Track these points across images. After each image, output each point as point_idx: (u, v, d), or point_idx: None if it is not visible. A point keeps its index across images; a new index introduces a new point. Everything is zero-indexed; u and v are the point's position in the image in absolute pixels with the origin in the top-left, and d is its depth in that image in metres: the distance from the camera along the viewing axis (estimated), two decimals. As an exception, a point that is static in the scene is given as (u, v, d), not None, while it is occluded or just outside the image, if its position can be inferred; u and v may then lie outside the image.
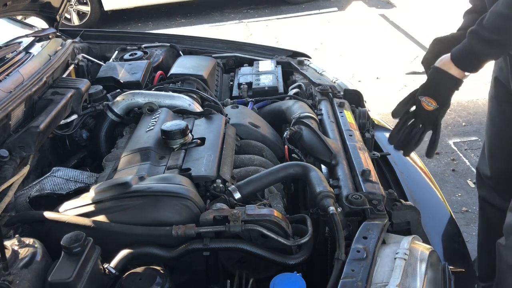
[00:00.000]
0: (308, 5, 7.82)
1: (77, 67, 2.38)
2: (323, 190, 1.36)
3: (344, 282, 1.10)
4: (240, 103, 2.18)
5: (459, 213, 3.06)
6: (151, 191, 1.36)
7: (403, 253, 1.18)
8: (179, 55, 2.68)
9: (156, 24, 7.73)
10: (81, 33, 2.72)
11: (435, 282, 1.19)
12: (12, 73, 1.82)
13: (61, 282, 1.09)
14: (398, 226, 1.37)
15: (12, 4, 2.03)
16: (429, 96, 1.54)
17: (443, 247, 1.60)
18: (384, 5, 7.52)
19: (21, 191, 1.58)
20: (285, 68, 2.52)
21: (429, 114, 1.56)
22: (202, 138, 1.67)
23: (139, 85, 2.22)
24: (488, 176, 2.05)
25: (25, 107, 1.75)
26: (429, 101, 1.53)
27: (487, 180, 2.07)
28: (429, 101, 1.53)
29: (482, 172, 2.09)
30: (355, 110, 2.01)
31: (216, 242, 1.27)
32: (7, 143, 1.61)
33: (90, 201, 1.37)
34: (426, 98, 1.54)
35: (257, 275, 1.29)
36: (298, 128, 1.76)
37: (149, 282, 1.17)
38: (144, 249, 1.29)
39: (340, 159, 1.61)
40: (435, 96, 1.54)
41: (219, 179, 1.49)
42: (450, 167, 3.53)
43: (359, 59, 5.48)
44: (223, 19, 7.63)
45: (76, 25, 7.46)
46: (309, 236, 1.28)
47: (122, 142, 1.83)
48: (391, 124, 2.04)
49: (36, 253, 1.18)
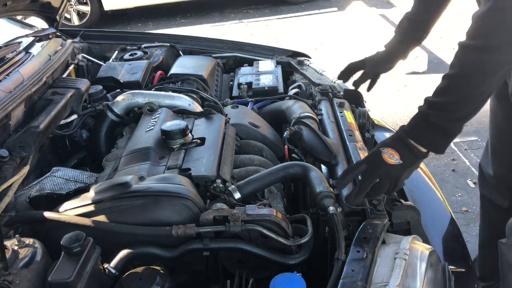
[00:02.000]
0: (308, 5, 7.82)
1: (77, 67, 2.38)
2: (323, 190, 1.36)
3: (344, 282, 1.10)
4: (240, 103, 2.18)
5: (459, 213, 3.06)
6: (151, 191, 1.36)
7: (403, 253, 1.18)
8: (179, 55, 2.68)
9: (156, 24, 7.73)
10: (81, 33, 2.72)
11: (435, 282, 1.19)
12: (12, 73, 1.82)
13: (61, 282, 1.09)
14: (398, 226, 1.37)
15: (12, 4, 2.02)
16: (392, 148, 1.30)
17: (443, 247, 1.60)
18: (384, 5, 7.52)
19: (21, 191, 1.58)
20: (285, 68, 2.52)
21: (390, 169, 1.30)
22: (202, 138, 1.67)
23: (139, 85, 2.22)
24: (491, 175, 2.05)
25: (25, 107, 1.75)
26: (392, 154, 1.29)
27: (490, 178, 2.07)
28: (392, 154, 1.29)
29: (485, 170, 2.09)
30: (355, 110, 2.01)
31: (216, 242, 1.27)
32: (7, 143, 1.61)
33: (90, 201, 1.37)
34: (388, 150, 1.30)
35: (257, 275, 1.29)
36: (298, 128, 1.76)
37: (149, 282, 1.17)
38: (144, 249, 1.29)
39: (340, 159, 1.61)
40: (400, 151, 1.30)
41: (219, 179, 1.49)
42: (450, 167, 3.53)
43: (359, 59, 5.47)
44: (223, 19, 7.63)
45: (76, 25, 7.46)
46: (309, 236, 1.28)
47: (122, 142, 1.83)
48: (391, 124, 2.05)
49: (36, 253, 1.18)
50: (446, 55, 5.25)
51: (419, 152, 1.29)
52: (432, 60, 5.16)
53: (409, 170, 1.32)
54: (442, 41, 5.32)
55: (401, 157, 1.28)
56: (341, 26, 6.75)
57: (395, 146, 1.30)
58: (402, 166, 1.29)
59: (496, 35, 1.19)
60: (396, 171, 1.30)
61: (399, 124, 4.11)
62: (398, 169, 1.30)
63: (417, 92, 4.65)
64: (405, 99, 4.53)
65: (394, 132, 1.34)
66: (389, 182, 1.32)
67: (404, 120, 4.22)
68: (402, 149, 1.29)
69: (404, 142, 1.29)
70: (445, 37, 5.20)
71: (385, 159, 1.29)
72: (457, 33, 1.93)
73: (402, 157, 1.28)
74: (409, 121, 1.31)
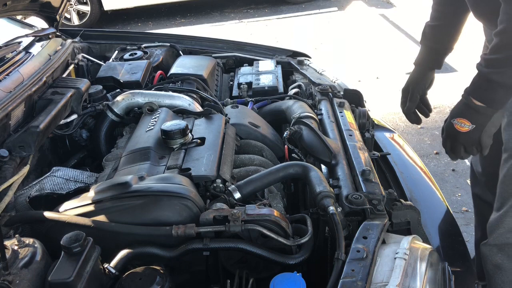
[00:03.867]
0: (308, 5, 7.82)
1: (77, 67, 2.38)
2: (323, 190, 1.36)
3: (344, 282, 1.10)
4: (240, 103, 2.17)
5: (459, 213, 3.06)
6: (151, 191, 1.36)
7: (403, 253, 1.18)
8: (179, 55, 2.68)
9: (156, 24, 7.73)
10: (81, 33, 2.73)
11: (435, 282, 1.19)
12: (12, 73, 1.82)
13: (61, 282, 1.09)
14: (398, 226, 1.37)
15: (12, 4, 2.02)
16: (460, 117, 1.38)
17: (443, 247, 1.60)
18: (384, 5, 7.52)
19: (21, 191, 1.58)
20: (285, 68, 2.52)
21: (466, 136, 1.38)
22: (202, 138, 1.67)
23: (139, 85, 2.22)
24: (480, 173, 2.05)
25: (25, 107, 1.75)
26: (462, 122, 1.37)
27: (480, 176, 2.07)
28: (462, 122, 1.37)
29: (475, 168, 2.09)
30: (355, 110, 2.01)
31: (216, 242, 1.27)
32: (7, 143, 1.61)
33: (90, 201, 1.37)
34: (458, 120, 1.38)
35: (257, 275, 1.29)
36: (298, 128, 1.76)
37: (149, 282, 1.17)
38: (144, 249, 1.28)
39: (340, 159, 1.61)
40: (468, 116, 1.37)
41: (219, 179, 1.49)
42: (450, 167, 3.53)
43: (359, 59, 5.48)
44: (223, 19, 7.63)
45: (76, 25, 7.47)
46: (309, 236, 1.28)
47: (122, 142, 1.83)
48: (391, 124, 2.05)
49: (36, 253, 1.18)
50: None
51: (486, 110, 1.33)
52: (432, 60, 5.16)
53: (488, 128, 1.37)
54: (442, 41, 5.31)
55: (472, 122, 1.34)
56: (341, 26, 6.75)
57: (462, 114, 1.35)
58: (476, 129, 1.35)
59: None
60: (473, 136, 1.37)
61: (399, 124, 4.12)
62: (474, 133, 1.36)
63: (417, 92, 4.65)
64: (405, 99, 4.53)
65: (460, 99, 1.39)
66: (473, 147, 1.39)
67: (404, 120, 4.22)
68: (470, 114, 1.34)
69: (470, 106, 1.34)
70: (445, 37, 5.18)
71: (458, 129, 1.36)
72: (457, 33, 1.94)
73: (474, 122, 1.34)
74: (471, 82, 1.35)
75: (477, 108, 1.34)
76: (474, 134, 1.37)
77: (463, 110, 1.37)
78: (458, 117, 1.37)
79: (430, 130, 4.04)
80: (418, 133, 4.03)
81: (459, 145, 1.40)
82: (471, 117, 1.35)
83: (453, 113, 1.40)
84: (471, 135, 1.37)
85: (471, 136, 1.37)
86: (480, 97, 1.33)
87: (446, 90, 4.59)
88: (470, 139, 1.37)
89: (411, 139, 3.90)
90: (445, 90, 4.61)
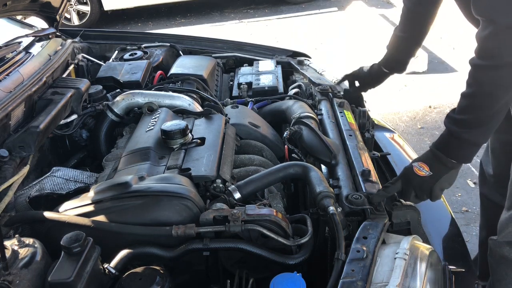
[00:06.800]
0: (308, 5, 7.82)
1: (77, 67, 2.38)
2: (323, 190, 1.36)
3: (344, 282, 1.10)
4: (240, 103, 2.17)
5: (459, 213, 3.06)
6: (151, 191, 1.36)
7: (403, 253, 1.18)
8: (179, 55, 2.68)
9: (156, 24, 7.73)
10: (81, 33, 2.72)
11: (435, 282, 1.19)
12: (12, 73, 1.82)
13: (61, 282, 1.09)
14: (398, 226, 1.37)
15: (12, 4, 2.02)
16: (422, 162, 1.38)
17: (443, 247, 1.60)
18: (384, 5, 7.52)
19: (21, 191, 1.58)
20: (285, 68, 2.52)
21: (421, 180, 1.38)
22: (202, 138, 1.67)
23: (139, 85, 2.22)
24: (491, 174, 2.06)
25: (25, 107, 1.75)
26: (421, 166, 1.37)
27: (489, 177, 2.08)
28: (422, 166, 1.37)
29: (485, 169, 2.10)
30: (355, 110, 2.01)
31: (216, 242, 1.27)
32: (7, 143, 1.61)
33: (90, 201, 1.37)
34: (419, 163, 1.38)
35: (257, 275, 1.29)
36: (298, 128, 1.76)
37: (149, 282, 1.17)
38: (144, 249, 1.29)
39: (340, 159, 1.61)
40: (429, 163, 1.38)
41: (219, 179, 1.49)
42: (450, 167, 3.53)
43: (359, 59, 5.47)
44: (223, 19, 7.63)
45: (76, 25, 7.47)
46: (309, 236, 1.28)
47: (122, 142, 1.83)
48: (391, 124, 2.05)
49: (36, 253, 1.18)
50: (446, 55, 5.26)
51: (450, 163, 1.35)
52: (432, 60, 5.16)
53: (443, 181, 1.38)
54: (442, 41, 5.32)
55: (430, 169, 1.36)
56: (341, 26, 6.75)
57: (424, 160, 1.38)
58: (432, 177, 1.36)
59: (507, 53, 1.23)
60: (427, 182, 1.37)
61: (399, 124, 4.12)
62: (429, 180, 1.37)
63: (417, 92, 4.66)
64: (405, 99, 4.53)
65: (427, 150, 1.42)
66: (424, 193, 1.39)
67: (404, 120, 4.23)
68: (431, 161, 1.37)
69: (434, 155, 1.37)
70: (445, 37, 5.20)
71: (416, 172, 1.37)
72: (457, 33, 1.93)
73: (432, 169, 1.36)
74: (439, 138, 1.38)
75: (441, 158, 1.35)
76: (429, 181, 1.37)
77: (427, 158, 1.39)
78: (420, 161, 1.39)
79: (430, 130, 4.04)
80: (418, 133, 4.03)
81: (410, 188, 1.39)
82: (431, 164, 1.36)
83: (417, 158, 1.42)
84: (426, 181, 1.37)
85: (425, 182, 1.37)
86: (449, 153, 1.35)
87: (446, 90, 4.60)
88: (424, 184, 1.38)
89: (411, 139, 3.90)
90: (445, 90, 4.62)
